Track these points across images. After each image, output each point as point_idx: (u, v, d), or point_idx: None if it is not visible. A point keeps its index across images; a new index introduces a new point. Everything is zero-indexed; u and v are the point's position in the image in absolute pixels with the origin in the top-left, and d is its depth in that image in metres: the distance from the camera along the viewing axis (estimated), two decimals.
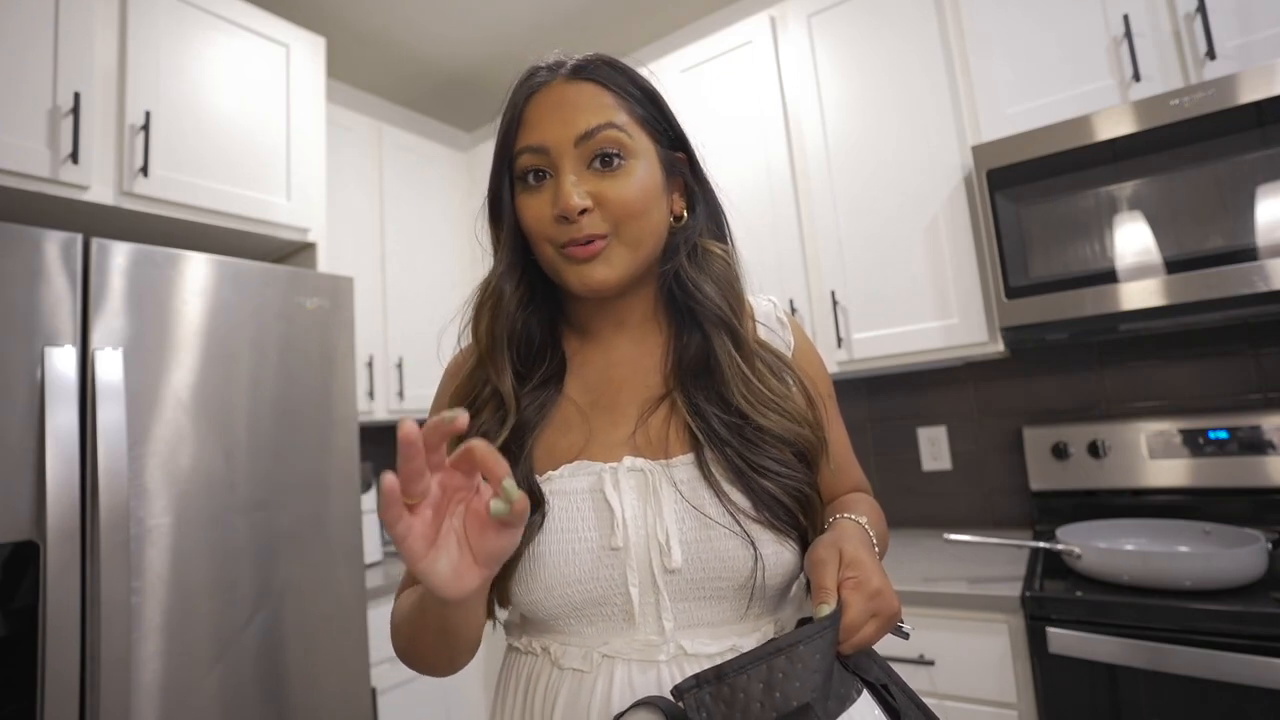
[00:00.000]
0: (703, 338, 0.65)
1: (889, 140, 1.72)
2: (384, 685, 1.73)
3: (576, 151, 0.59)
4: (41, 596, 1.10)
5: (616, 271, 0.60)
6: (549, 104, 0.61)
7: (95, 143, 1.42)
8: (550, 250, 0.61)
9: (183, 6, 1.61)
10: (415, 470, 0.42)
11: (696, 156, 0.69)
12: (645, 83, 0.65)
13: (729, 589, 0.57)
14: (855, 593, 0.50)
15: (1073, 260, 1.40)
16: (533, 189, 0.61)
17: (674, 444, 0.61)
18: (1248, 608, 1.05)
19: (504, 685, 0.65)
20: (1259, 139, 1.22)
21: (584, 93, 0.61)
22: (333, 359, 1.61)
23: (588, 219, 0.59)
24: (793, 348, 0.70)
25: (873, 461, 2.02)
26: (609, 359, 0.68)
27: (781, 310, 0.72)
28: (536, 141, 0.60)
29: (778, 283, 1.85)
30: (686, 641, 0.56)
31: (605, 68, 0.63)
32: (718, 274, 0.66)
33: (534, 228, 0.61)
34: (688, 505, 0.58)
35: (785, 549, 0.59)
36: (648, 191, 0.61)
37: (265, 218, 1.71)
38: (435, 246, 2.48)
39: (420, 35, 2.41)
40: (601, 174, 0.60)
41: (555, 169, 0.60)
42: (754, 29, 1.92)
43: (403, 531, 0.43)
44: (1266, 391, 1.52)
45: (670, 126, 0.66)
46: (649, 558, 0.57)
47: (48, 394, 1.14)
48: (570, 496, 0.60)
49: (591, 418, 0.64)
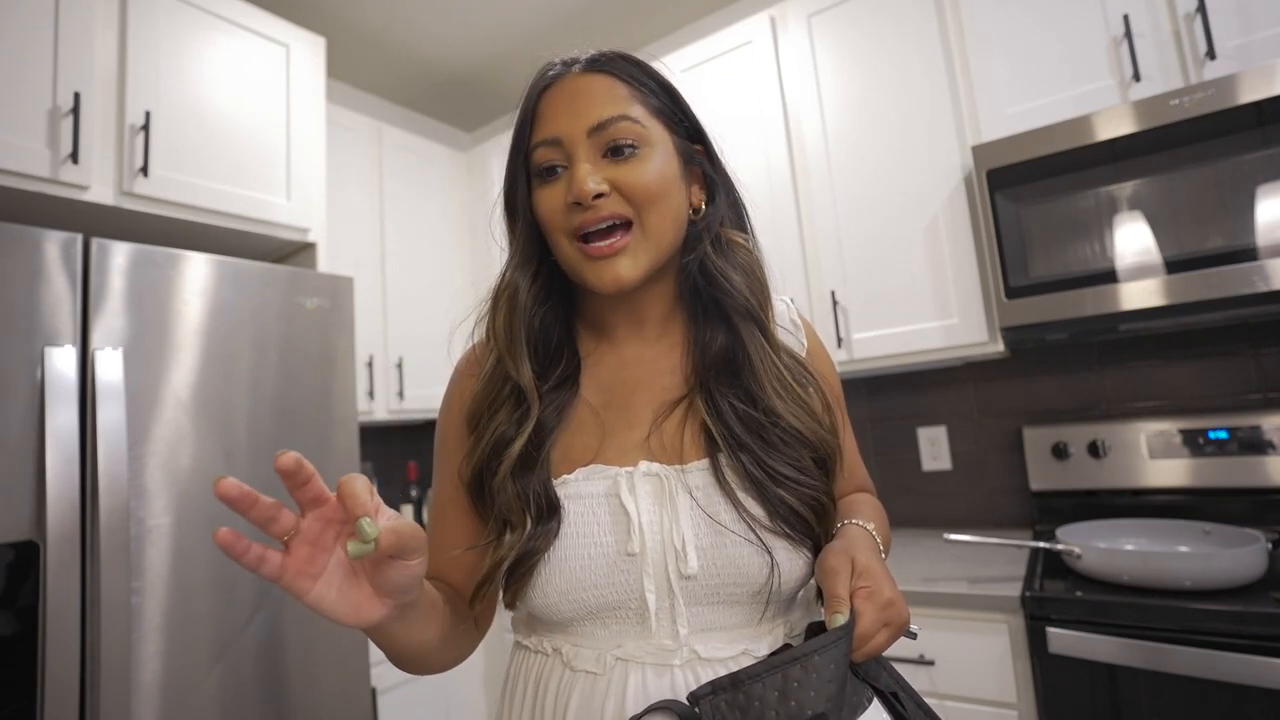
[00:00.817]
0: (728, 332, 0.63)
1: (889, 140, 1.71)
2: (384, 685, 1.73)
3: (590, 142, 0.59)
4: (41, 596, 1.09)
5: (638, 267, 0.59)
6: (562, 97, 0.61)
7: (95, 143, 1.42)
8: (568, 245, 0.60)
9: (183, 6, 1.61)
10: (259, 519, 0.41)
11: (714, 148, 0.68)
12: (660, 75, 0.65)
13: (744, 595, 0.57)
14: (868, 602, 0.50)
15: (1073, 260, 1.40)
16: (548, 181, 0.61)
17: (689, 449, 0.61)
18: (1248, 608, 1.05)
19: (512, 684, 0.64)
20: (1259, 139, 1.22)
21: (597, 84, 0.61)
22: (333, 359, 1.61)
23: (606, 202, 0.58)
24: (806, 350, 0.69)
25: (873, 461, 2.02)
26: (624, 358, 0.67)
27: (796, 312, 0.72)
28: (550, 134, 0.60)
29: (778, 282, 1.85)
30: (700, 646, 0.56)
31: (619, 60, 0.63)
32: (743, 264, 0.65)
33: (550, 219, 0.61)
34: (703, 513, 0.57)
35: (799, 557, 0.59)
36: (665, 177, 0.60)
37: (265, 218, 1.71)
38: (435, 246, 2.48)
39: (420, 35, 2.41)
40: (616, 162, 0.59)
41: (570, 159, 0.59)
42: (754, 29, 1.92)
43: (271, 573, 0.42)
44: (1266, 391, 1.52)
45: (686, 118, 0.66)
46: (665, 563, 0.57)
47: (48, 394, 1.14)
48: (586, 501, 0.59)
49: (606, 419, 0.63)
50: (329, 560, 0.44)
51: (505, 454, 0.60)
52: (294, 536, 0.43)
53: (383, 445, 2.51)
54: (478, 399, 0.64)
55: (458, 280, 2.51)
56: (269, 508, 0.41)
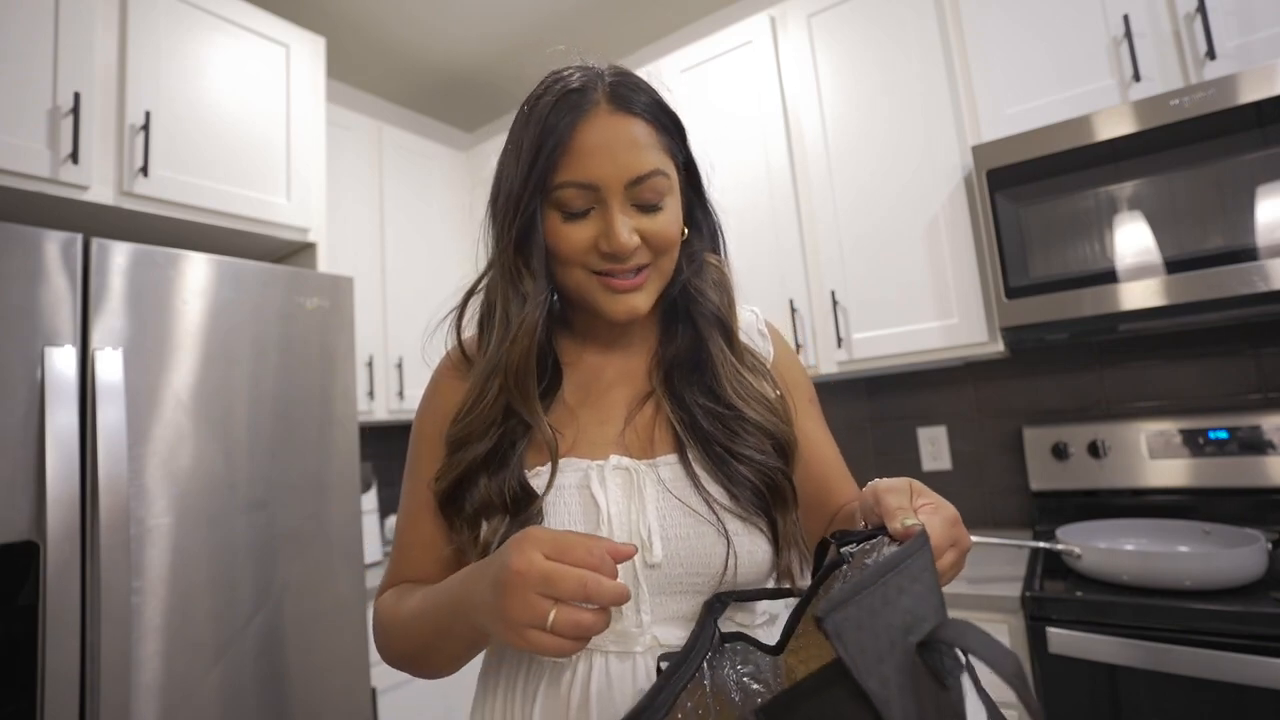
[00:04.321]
0: (694, 335, 0.69)
1: (889, 140, 1.71)
2: (384, 685, 1.73)
3: (625, 192, 0.60)
4: (41, 596, 1.10)
5: (650, 301, 0.64)
6: (598, 139, 0.59)
7: (95, 143, 1.42)
8: (582, 275, 0.63)
9: (183, 6, 1.61)
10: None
11: (701, 176, 0.71)
12: (670, 109, 0.66)
13: (704, 584, 0.60)
14: (934, 516, 0.48)
15: (1073, 260, 1.40)
16: (574, 218, 0.61)
17: (659, 443, 0.65)
18: (1248, 608, 1.05)
19: (485, 675, 0.66)
20: (1259, 139, 1.22)
21: (634, 131, 0.60)
22: (333, 359, 1.61)
23: (636, 253, 0.62)
24: (774, 356, 0.74)
25: (873, 461, 2.02)
26: (601, 361, 0.71)
27: (763, 322, 0.76)
28: (587, 179, 0.59)
29: (778, 282, 1.85)
30: (661, 633, 0.59)
31: (643, 95, 0.62)
32: (716, 281, 0.71)
33: (571, 255, 0.61)
34: (671, 500, 0.61)
35: (756, 547, 0.61)
36: (679, 225, 0.65)
37: (265, 217, 1.71)
38: (435, 246, 2.48)
39: (420, 34, 2.40)
40: (644, 214, 0.62)
41: (602, 204, 0.60)
42: (754, 29, 1.92)
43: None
44: (1266, 391, 1.52)
45: (685, 150, 0.68)
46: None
47: (48, 394, 1.14)
48: (558, 491, 0.62)
49: (580, 415, 0.67)
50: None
51: (484, 462, 0.63)
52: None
53: (383, 445, 2.50)
54: (469, 428, 0.64)
55: (458, 280, 2.51)
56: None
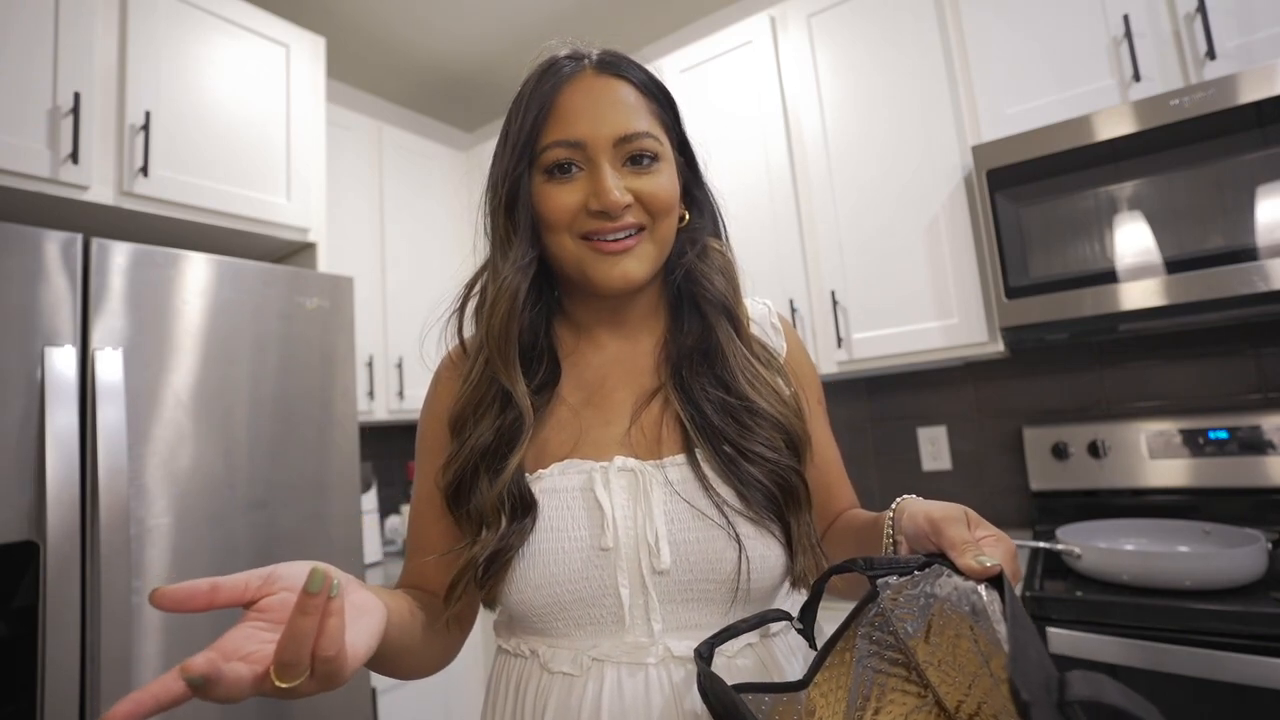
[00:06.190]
0: (702, 324, 0.66)
1: (889, 140, 1.71)
2: (384, 685, 1.73)
3: (614, 150, 0.59)
4: (41, 596, 1.10)
5: (645, 268, 0.61)
6: (583, 98, 0.60)
7: (95, 143, 1.42)
8: (571, 243, 0.60)
9: (183, 7, 1.61)
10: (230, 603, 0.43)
11: (698, 161, 0.70)
12: (663, 84, 0.66)
13: (715, 591, 0.57)
14: (998, 548, 0.47)
15: (1073, 260, 1.40)
16: (559, 180, 0.60)
17: (667, 442, 0.62)
18: (1248, 608, 1.05)
19: (494, 689, 0.64)
20: (1259, 139, 1.22)
21: (620, 91, 0.61)
22: (333, 359, 1.60)
23: (627, 212, 0.59)
24: (785, 351, 0.71)
25: (873, 461, 2.02)
26: (603, 357, 0.68)
27: (775, 315, 0.73)
28: (572, 136, 0.59)
29: (778, 283, 1.85)
30: (673, 643, 0.56)
31: (633, 66, 0.63)
32: (721, 267, 0.68)
33: (558, 218, 0.60)
34: (680, 503, 0.58)
35: (770, 551, 0.58)
36: (675, 191, 0.63)
37: (265, 218, 1.71)
38: (435, 246, 2.48)
39: (420, 34, 2.40)
40: (636, 172, 0.60)
41: (590, 164, 0.59)
42: (754, 29, 1.92)
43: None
44: (1266, 391, 1.52)
45: (680, 131, 0.67)
46: (638, 558, 0.57)
47: (48, 394, 1.14)
48: (561, 495, 0.59)
49: (583, 415, 0.64)
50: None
51: (485, 459, 0.60)
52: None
53: (383, 445, 2.51)
54: (463, 403, 0.64)
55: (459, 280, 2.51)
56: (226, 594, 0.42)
